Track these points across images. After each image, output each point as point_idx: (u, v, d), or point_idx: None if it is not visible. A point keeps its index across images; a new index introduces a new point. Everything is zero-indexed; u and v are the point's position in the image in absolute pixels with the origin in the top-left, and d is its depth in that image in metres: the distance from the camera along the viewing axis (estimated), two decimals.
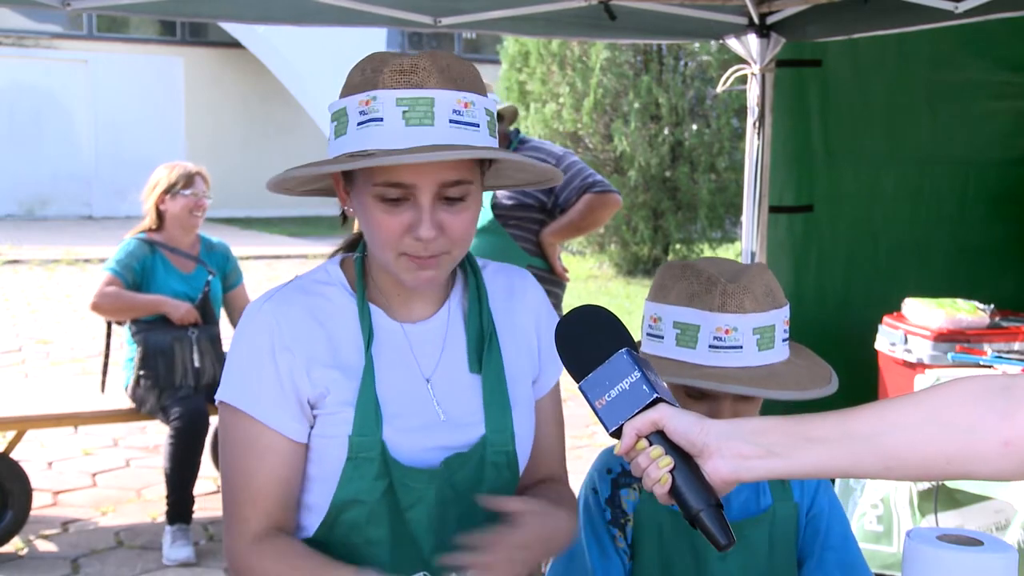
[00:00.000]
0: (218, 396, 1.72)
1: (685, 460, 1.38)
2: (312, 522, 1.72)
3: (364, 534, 1.68)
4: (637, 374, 1.41)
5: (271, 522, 1.69)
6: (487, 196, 4.22)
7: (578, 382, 1.48)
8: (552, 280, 4.34)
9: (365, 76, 1.61)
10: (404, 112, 1.57)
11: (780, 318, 1.87)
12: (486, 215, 4.21)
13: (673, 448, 1.38)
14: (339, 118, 1.63)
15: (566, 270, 4.41)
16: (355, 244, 1.79)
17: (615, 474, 1.97)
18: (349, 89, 1.63)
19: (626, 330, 1.50)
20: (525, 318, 1.84)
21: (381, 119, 1.57)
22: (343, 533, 1.69)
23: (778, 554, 1.92)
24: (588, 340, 1.48)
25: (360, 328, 1.70)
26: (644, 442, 1.40)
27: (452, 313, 1.78)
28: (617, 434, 1.43)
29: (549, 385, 1.88)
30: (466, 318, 1.78)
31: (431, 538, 1.68)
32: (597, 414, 1.44)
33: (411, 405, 1.70)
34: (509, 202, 4.23)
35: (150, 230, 4.79)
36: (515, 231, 4.24)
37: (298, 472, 1.71)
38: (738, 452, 1.35)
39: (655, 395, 1.40)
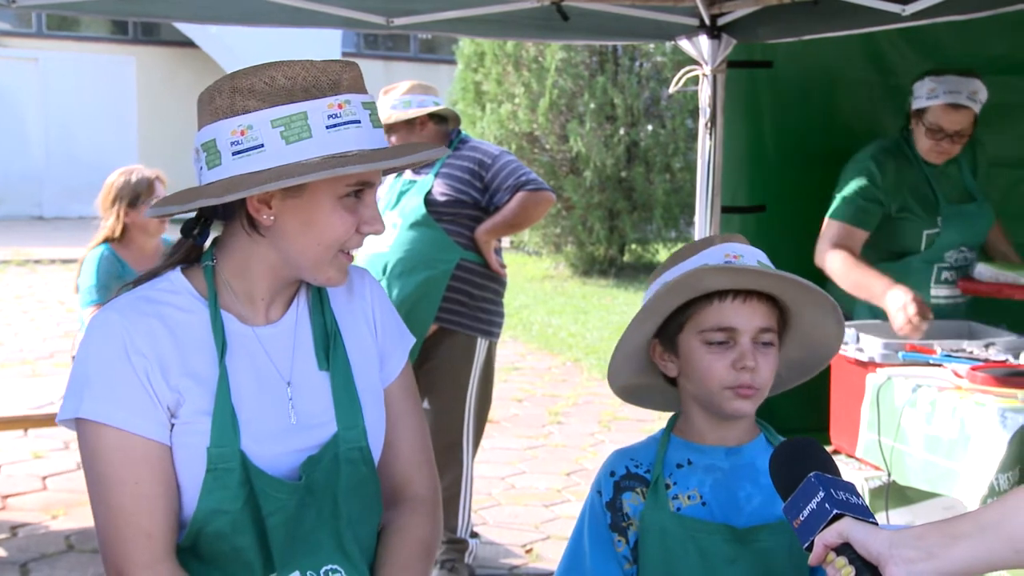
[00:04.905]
0: (73, 414, 1.62)
1: (869, 570, 1.46)
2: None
3: (230, 542, 1.65)
4: (822, 494, 1.53)
5: (175, 537, 1.64)
6: (422, 191, 4.23)
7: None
8: (489, 275, 4.35)
9: (315, 82, 1.62)
10: (370, 115, 1.64)
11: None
12: (419, 210, 4.22)
13: (859, 559, 1.47)
14: (294, 122, 1.60)
15: (503, 266, 4.43)
16: (191, 255, 1.77)
17: (618, 477, 1.96)
18: (288, 96, 1.60)
19: (826, 454, 1.62)
20: (364, 313, 1.87)
21: (359, 121, 1.62)
22: (209, 542, 1.66)
23: (796, 563, 1.84)
24: (788, 470, 1.61)
25: (213, 337, 1.67)
26: (832, 554, 1.50)
27: (300, 313, 1.79)
28: (811, 548, 1.53)
29: (394, 373, 1.89)
30: (311, 318, 1.80)
31: (282, 540, 1.67)
32: (796, 533, 1.56)
33: (267, 410, 1.69)
34: (443, 198, 4.23)
35: (111, 240, 4.67)
36: (449, 226, 4.25)
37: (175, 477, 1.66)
38: (907, 558, 1.43)
39: (835, 511, 1.51)
